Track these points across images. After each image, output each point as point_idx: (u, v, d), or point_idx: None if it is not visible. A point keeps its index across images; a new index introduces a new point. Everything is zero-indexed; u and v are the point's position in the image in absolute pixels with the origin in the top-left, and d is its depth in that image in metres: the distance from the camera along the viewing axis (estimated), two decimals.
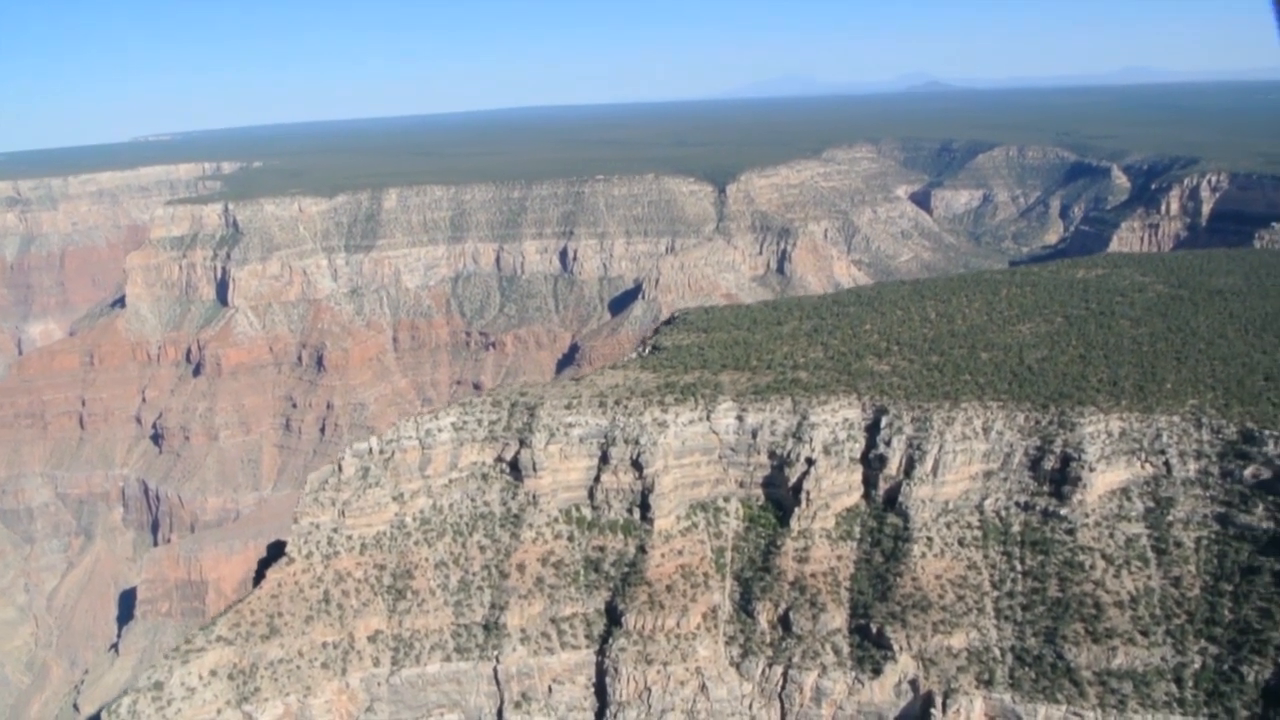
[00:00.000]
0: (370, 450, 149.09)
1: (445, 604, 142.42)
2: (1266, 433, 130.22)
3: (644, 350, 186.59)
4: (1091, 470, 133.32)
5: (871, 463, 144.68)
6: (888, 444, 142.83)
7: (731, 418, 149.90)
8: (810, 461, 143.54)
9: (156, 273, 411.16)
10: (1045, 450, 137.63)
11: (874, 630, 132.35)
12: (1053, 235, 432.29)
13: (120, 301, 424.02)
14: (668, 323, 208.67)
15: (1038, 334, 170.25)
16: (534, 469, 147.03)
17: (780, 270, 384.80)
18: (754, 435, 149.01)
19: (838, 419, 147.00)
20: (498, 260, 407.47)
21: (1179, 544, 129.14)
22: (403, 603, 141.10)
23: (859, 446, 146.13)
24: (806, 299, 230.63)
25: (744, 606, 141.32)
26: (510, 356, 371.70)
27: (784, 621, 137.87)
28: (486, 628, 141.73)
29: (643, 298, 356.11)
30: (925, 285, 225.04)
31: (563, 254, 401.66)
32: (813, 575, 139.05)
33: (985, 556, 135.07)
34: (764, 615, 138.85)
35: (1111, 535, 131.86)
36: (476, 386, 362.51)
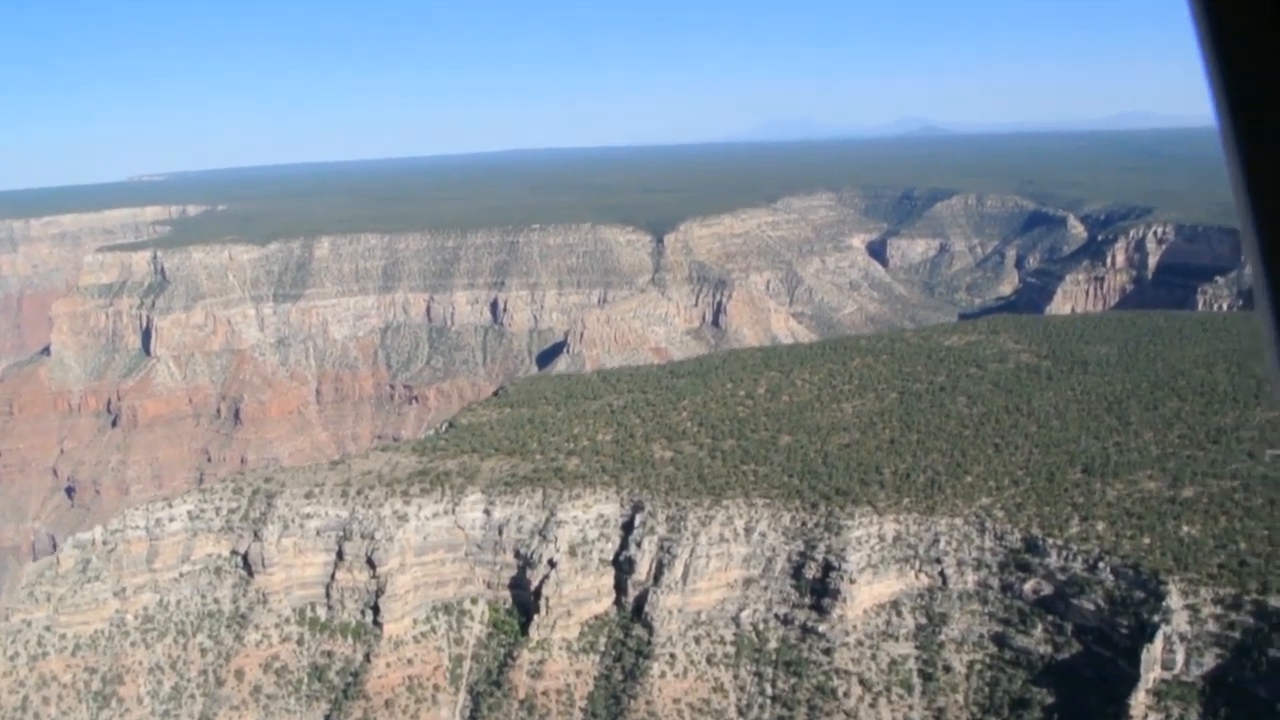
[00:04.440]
0: (93, 541, 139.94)
1: (152, 714, 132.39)
2: (1050, 541, 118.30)
3: (441, 428, 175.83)
4: (853, 582, 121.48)
5: (622, 566, 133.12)
6: (638, 545, 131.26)
7: (479, 511, 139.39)
8: (553, 564, 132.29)
9: (83, 320, 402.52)
10: (808, 556, 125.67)
11: None
12: (1007, 286, 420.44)
13: (48, 350, 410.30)
14: (496, 394, 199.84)
15: (860, 413, 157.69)
16: (263, 564, 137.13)
17: (715, 323, 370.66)
18: (500, 531, 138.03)
19: (590, 515, 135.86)
20: (428, 311, 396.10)
21: (948, 668, 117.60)
22: (106, 711, 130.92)
23: (612, 547, 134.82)
24: (636, 370, 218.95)
25: None
26: (432, 410, 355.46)
27: None
28: None
29: (567, 351, 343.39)
30: (776, 353, 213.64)
31: (494, 305, 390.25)
32: (544, 693, 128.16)
33: (735, 677, 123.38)
34: None
35: (874, 657, 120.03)
36: (395, 440, 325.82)
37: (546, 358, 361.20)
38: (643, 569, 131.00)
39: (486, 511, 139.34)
